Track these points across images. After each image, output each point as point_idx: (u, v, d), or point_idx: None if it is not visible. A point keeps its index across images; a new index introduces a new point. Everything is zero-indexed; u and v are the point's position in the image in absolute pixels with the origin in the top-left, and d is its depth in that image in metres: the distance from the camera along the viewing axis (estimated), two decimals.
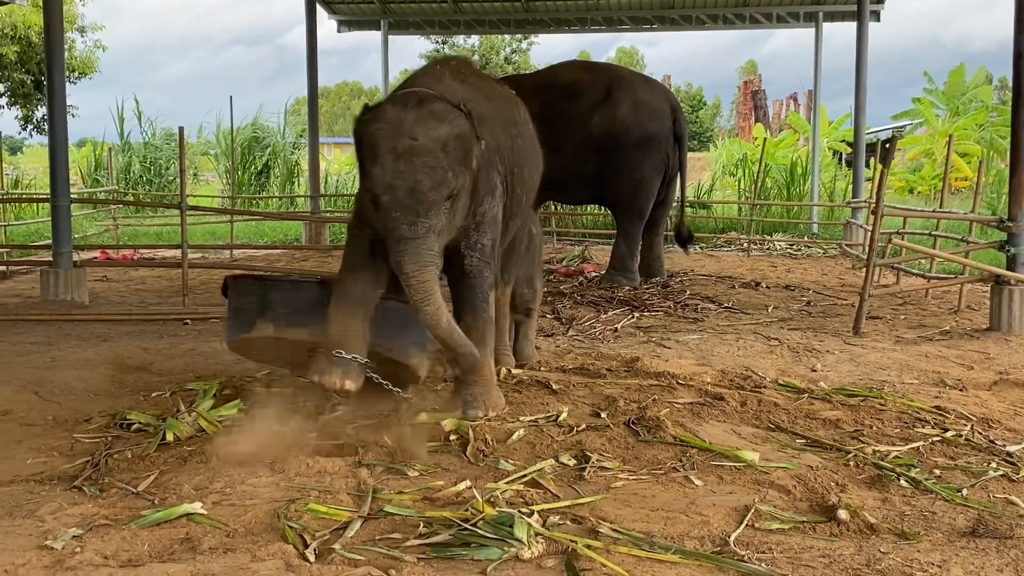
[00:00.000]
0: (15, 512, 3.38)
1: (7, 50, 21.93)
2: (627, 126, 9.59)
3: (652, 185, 9.72)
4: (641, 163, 9.59)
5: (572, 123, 9.62)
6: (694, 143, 40.46)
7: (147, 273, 11.24)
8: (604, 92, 9.74)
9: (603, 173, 9.67)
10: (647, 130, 9.63)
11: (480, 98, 4.50)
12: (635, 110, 9.66)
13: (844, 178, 19.67)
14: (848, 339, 6.71)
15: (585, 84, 9.86)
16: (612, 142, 9.55)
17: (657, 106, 9.78)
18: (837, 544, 3.06)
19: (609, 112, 9.64)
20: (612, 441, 4.13)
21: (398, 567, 2.84)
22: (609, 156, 9.56)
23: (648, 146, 9.61)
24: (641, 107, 9.69)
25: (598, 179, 9.75)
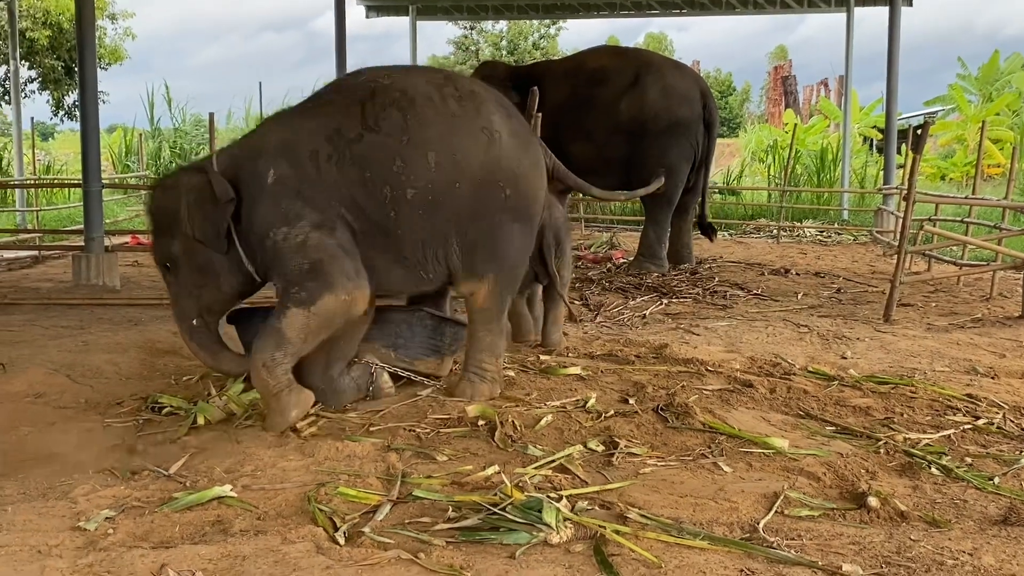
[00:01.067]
0: (48, 494, 3.43)
1: (39, 35, 22.08)
2: (656, 112, 9.50)
3: (681, 172, 9.62)
4: (669, 149, 9.50)
5: (600, 109, 9.57)
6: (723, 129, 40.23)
7: None
8: (633, 77, 9.66)
9: (632, 159, 9.60)
10: (676, 116, 9.53)
11: (273, 130, 4.45)
12: (664, 95, 9.57)
13: (875, 164, 19.49)
14: (879, 326, 6.66)
15: (613, 69, 9.79)
16: (640, 128, 9.48)
17: (687, 91, 9.68)
18: (867, 531, 3.05)
19: (637, 97, 9.56)
20: (640, 427, 4.13)
21: (427, 551, 2.85)
22: (637, 142, 9.49)
23: (677, 132, 9.52)
24: (670, 92, 9.59)
25: (627, 165, 9.68)
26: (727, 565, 2.75)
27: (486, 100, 4.46)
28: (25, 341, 6.02)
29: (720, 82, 50.31)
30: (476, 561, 2.79)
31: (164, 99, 23.44)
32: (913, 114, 29.21)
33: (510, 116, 4.55)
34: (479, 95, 4.46)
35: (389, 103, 4.25)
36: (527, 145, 4.58)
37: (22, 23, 20.41)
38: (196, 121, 23.12)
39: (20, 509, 3.23)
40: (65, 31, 22.43)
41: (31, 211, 14.49)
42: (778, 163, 19.08)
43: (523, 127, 4.66)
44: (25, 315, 7.11)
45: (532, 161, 4.58)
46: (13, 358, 5.37)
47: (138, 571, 2.70)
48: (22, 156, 15.84)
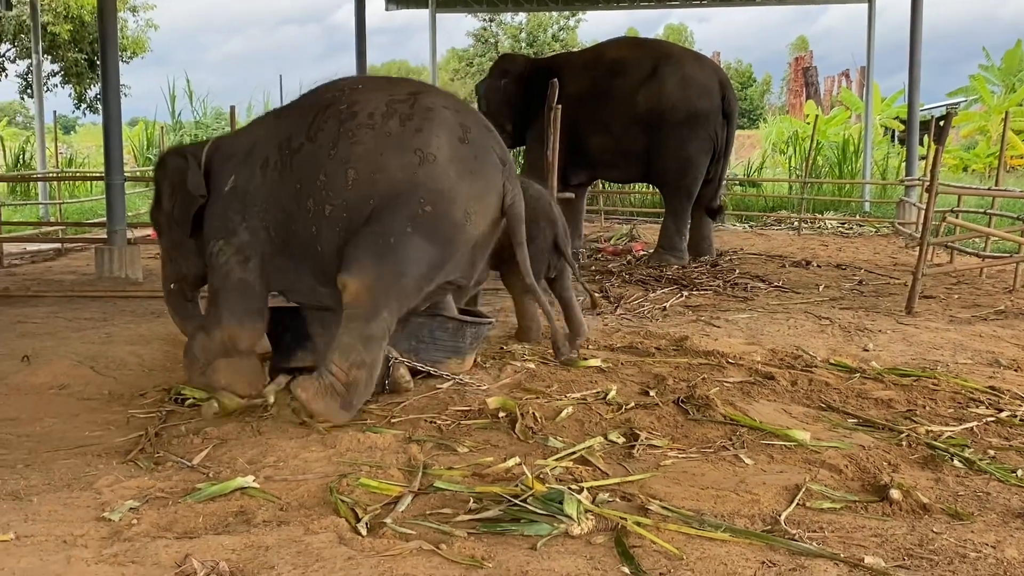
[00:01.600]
0: (73, 484, 3.45)
1: (61, 29, 22.20)
2: (673, 103, 9.45)
3: (700, 164, 9.58)
4: (688, 141, 9.46)
5: (618, 100, 9.55)
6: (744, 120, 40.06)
7: None
8: (651, 68, 9.62)
9: (650, 151, 9.58)
10: (694, 107, 9.48)
11: (250, 132, 4.69)
12: (682, 87, 9.52)
13: (897, 156, 19.39)
14: (901, 319, 6.63)
15: (632, 60, 9.75)
16: (658, 119, 9.44)
17: (705, 82, 9.62)
18: (889, 524, 3.04)
19: (655, 88, 9.52)
20: (661, 419, 4.13)
21: (449, 542, 2.86)
22: (655, 133, 9.46)
23: (695, 123, 9.47)
24: (689, 83, 9.54)
25: (646, 157, 9.66)
26: (748, 557, 2.75)
27: (438, 122, 4.18)
28: (49, 333, 6.07)
29: (740, 73, 50.09)
30: (497, 552, 2.80)
31: (185, 92, 23.56)
32: (935, 105, 29.01)
33: (465, 142, 4.22)
34: (434, 116, 4.19)
35: (333, 115, 4.23)
36: (473, 174, 4.20)
37: (44, 17, 20.52)
38: (217, 114, 23.24)
39: (46, 500, 3.26)
40: (87, 25, 22.55)
41: (54, 204, 14.60)
42: (799, 154, 19.01)
43: (477, 155, 4.25)
44: (49, 307, 7.17)
45: (473, 190, 4.19)
46: (37, 350, 5.42)
47: (162, 561, 2.72)
48: (45, 149, 15.94)
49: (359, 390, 4.04)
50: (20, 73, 24.13)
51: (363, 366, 4.03)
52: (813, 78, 40.82)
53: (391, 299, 4.10)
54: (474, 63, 42.62)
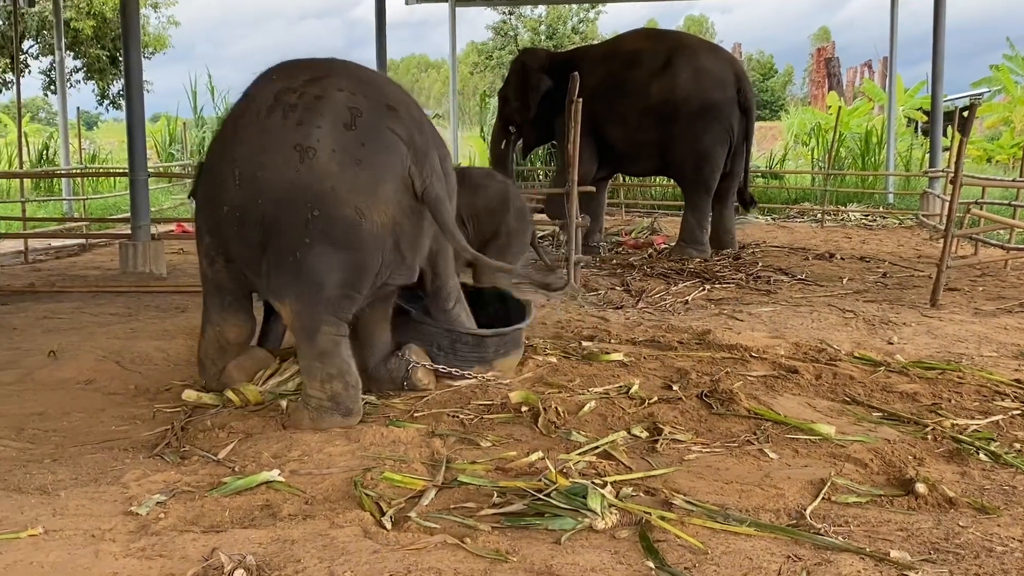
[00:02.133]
0: (100, 479, 3.48)
1: (83, 25, 22.33)
2: (687, 94, 9.39)
3: (716, 157, 9.52)
4: (702, 133, 9.39)
5: (632, 91, 9.51)
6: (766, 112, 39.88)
7: None
8: (664, 60, 9.57)
9: (666, 143, 9.55)
10: (708, 99, 9.41)
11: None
12: (695, 78, 9.45)
13: (920, 147, 19.26)
14: (925, 311, 6.60)
15: (646, 52, 9.71)
16: (671, 111, 9.39)
17: (720, 74, 9.54)
18: (915, 518, 3.03)
19: (668, 80, 9.46)
20: (684, 414, 4.13)
21: (473, 535, 2.87)
22: (669, 125, 9.42)
23: (709, 116, 9.40)
24: (702, 75, 9.47)
25: (661, 150, 9.63)
26: (774, 551, 2.75)
27: (322, 110, 3.92)
28: (74, 328, 6.12)
29: (762, 64, 49.86)
30: (521, 546, 2.80)
31: (207, 88, 23.64)
32: (959, 95, 28.76)
33: (352, 128, 3.92)
34: (319, 104, 3.93)
35: (237, 111, 4.23)
36: (360, 163, 3.90)
37: (67, 13, 20.64)
38: None
39: (73, 494, 3.29)
40: (109, 21, 22.67)
41: (78, 200, 14.68)
42: (822, 146, 18.91)
43: (365, 142, 3.93)
44: (74, 303, 7.21)
45: (360, 183, 3.91)
46: (63, 345, 5.46)
47: (190, 555, 2.74)
48: (68, 145, 16.04)
49: (345, 394, 4.02)
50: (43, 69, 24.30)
51: (332, 377, 4.00)
52: (835, 69, 40.57)
53: (322, 313, 3.99)
54: (493, 56, 42.62)
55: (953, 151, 10.09)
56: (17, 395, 4.65)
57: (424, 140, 4.08)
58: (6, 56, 19.83)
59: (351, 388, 4.05)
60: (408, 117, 4.07)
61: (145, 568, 2.64)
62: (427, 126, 4.22)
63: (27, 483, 3.44)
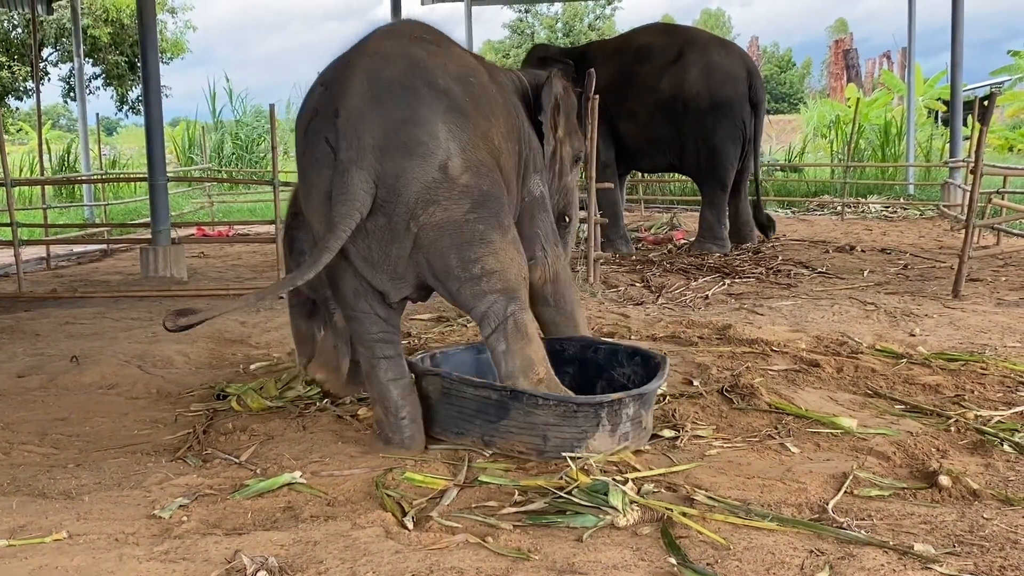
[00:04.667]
0: (123, 483, 3.50)
1: (101, 32, 22.46)
2: (697, 90, 9.37)
3: (729, 153, 9.48)
4: (714, 130, 9.36)
5: (642, 86, 9.50)
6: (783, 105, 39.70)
7: (242, 248, 11.47)
8: (675, 55, 9.55)
9: (677, 140, 9.53)
10: (719, 95, 9.38)
11: None
12: (706, 73, 9.42)
13: (941, 137, 19.14)
14: (947, 302, 6.55)
15: (657, 47, 9.70)
16: (682, 106, 9.38)
17: (731, 70, 9.50)
18: (939, 511, 3.01)
19: (679, 75, 9.44)
20: (705, 409, 4.11)
21: (495, 534, 2.87)
22: (680, 121, 9.41)
23: (720, 112, 9.37)
24: (713, 70, 9.44)
25: (673, 146, 9.61)
26: (796, 546, 2.73)
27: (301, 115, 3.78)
28: (97, 333, 6.15)
29: (779, 58, 49.66)
30: (543, 544, 2.80)
31: (226, 91, 23.72)
32: (979, 85, 28.61)
33: (306, 134, 3.65)
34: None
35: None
36: (303, 174, 3.68)
37: (84, 20, 20.77)
38: (257, 112, 23.36)
39: (97, 498, 3.31)
40: (127, 27, 22.79)
41: (99, 206, 14.75)
42: (841, 138, 18.83)
43: (306, 151, 3.62)
44: (96, 307, 7.25)
45: (303, 195, 3.77)
46: (86, 350, 5.49)
47: (212, 557, 2.75)
48: (88, 151, 16.13)
49: (385, 421, 3.76)
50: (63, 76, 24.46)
51: (375, 400, 3.82)
52: (854, 60, 40.40)
53: (353, 331, 3.86)
54: (510, 55, 42.64)
55: (973, 140, 10.02)
56: (41, 400, 4.68)
57: (346, 147, 3.42)
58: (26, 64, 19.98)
59: (390, 415, 3.73)
60: (338, 123, 3.45)
61: (168, 571, 2.65)
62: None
63: (51, 488, 3.46)
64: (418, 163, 3.43)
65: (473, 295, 3.57)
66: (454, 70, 3.63)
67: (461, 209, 3.50)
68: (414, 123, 3.44)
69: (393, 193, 3.43)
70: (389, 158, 3.42)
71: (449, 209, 3.48)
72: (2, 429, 4.23)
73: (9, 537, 2.93)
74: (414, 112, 3.45)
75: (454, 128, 3.49)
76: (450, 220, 3.49)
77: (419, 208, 3.46)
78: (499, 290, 3.55)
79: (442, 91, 3.52)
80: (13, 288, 8.20)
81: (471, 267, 3.53)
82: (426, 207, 3.46)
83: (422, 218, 3.47)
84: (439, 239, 3.51)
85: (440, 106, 3.48)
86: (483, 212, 3.53)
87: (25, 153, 22.70)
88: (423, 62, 3.57)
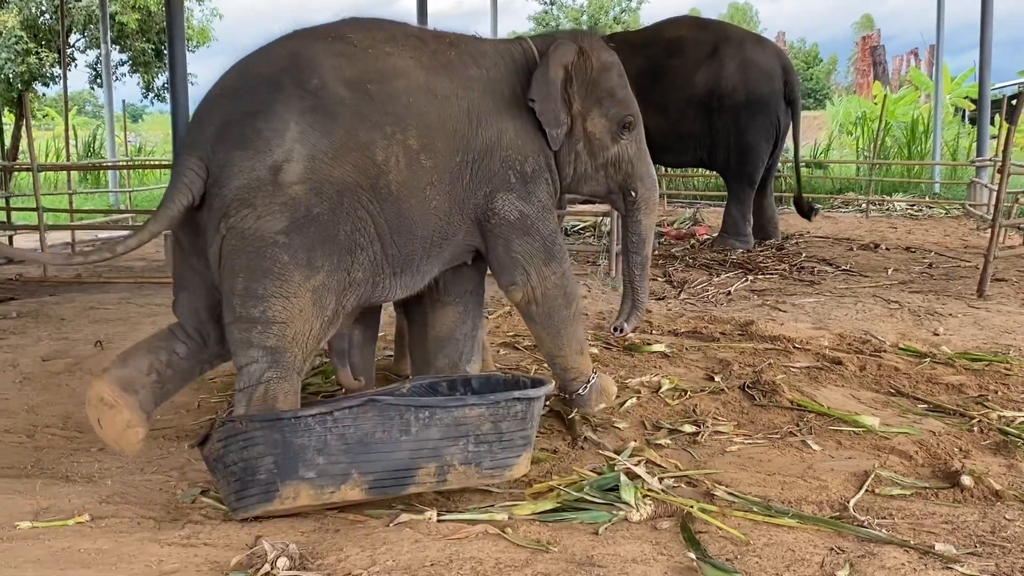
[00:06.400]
0: (146, 467, 3.53)
1: (128, 19, 22.52)
2: (733, 86, 9.27)
3: (761, 151, 9.39)
4: (748, 127, 9.27)
5: (675, 81, 9.38)
6: (810, 101, 39.48)
7: None
8: (711, 50, 9.43)
9: (709, 136, 9.45)
10: (755, 92, 9.28)
11: None
12: (742, 70, 9.32)
13: (968, 136, 18.99)
14: (972, 302, 6.51)
15: (691, 41, 9.58)
16: (716, 102, 9.29)
17: (767, 66, 9.41)
18: (961, 511, 3.00)
19: (714, 70, 9.34)
20: (726, 405, 4.11)
21: (514, 526, 2.88)
22: (714, 117, 9.31)
23: (755, 109, 9.28)
24: (749, 67, 9.34)
25: (704, 142, 9.52)
26: (816, 543, 2.73)
27: None
28: (121, 319, 6.20)
29: (805, 53, 49.37)
30: (562, 536, 2.81)
31: None
32: (1007, 83, 28.33)
33: None
34: None
35: None
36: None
37: (112, 7, 20.84)
38: None
39: (119, 482, 3.34)
40: (154, 14, 22.83)
41: (124, 192, 14.84)
42: (867, 135, 18.70)
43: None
44: (119, 293, 7.30)
45: None
46: (110, 335, 5.53)
47: (233, 543, 2.77)
48: (114, 138, 16.23)
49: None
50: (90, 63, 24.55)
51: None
52: (881, 57, 40.09)
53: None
54: None
55: (1001, 139, 9.95)
56: (65, 384, 4.72)
57: (193, 136, 3.30)
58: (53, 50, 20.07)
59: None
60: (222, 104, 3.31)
61: (190, 555, 2.67)
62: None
63: (74, 471, 3.50)
64: (248, 155, 3.10)
65: (239, 341, 3.19)
66: (351, 73, 3.29)
67: (275, 224, 3.09)
68: (261, 116, 3.13)
69: (217, 184, 3.12)
70: (222, 145, 3.13)
71: (262, 218, 3.09)
72: (27, 412, 4.28)
73: (32, 519, 2.96)
74: (266, 106, 3.15)
75: (309, 131, 3.14)
76: (256, 234, 3.09)
77: (233, 207, 3.10)
78: (267, 347, 3.16)
79: (311, 90, 3.19)
80: (38, 273, 8.27)
81: (251, 306, 3.14)
82: (240, 208, 3.09)
83: (232, 219, 3.11)
84: (237, 252, 3.12)
85: (300, 104, 3.16)
86: (296, 238, 3.12)
87: (51, 139, 22.85)
88: (308, 61, 3.26)
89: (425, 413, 2.91)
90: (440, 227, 3.50)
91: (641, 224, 4.09)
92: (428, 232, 3.45)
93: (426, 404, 2.96)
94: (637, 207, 4.06)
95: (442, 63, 3.55)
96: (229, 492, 2.97)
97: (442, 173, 3.44)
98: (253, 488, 2.91)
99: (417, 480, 2.92)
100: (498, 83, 3.67)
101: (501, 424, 2.99)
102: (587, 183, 3.98)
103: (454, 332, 3.90)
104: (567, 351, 3.91)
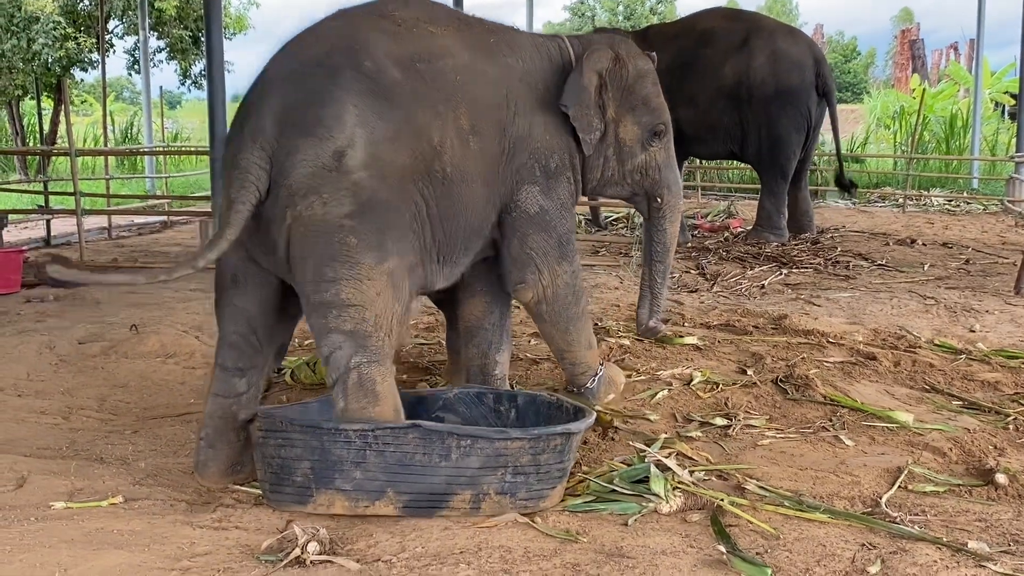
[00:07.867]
0: (179, 451, 3.57)
1: (167, 6, 22.65)
2: (763, 77, 9.18)
3: (793, 143, 9.30)
4: (778, 118, 9.19)
5: (704, 71, 9.30)
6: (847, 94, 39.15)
7: None
8: (741, 40, 9.35)
9: (739, 127, 9.38)
10: (785, 83, 9.19)
11: None
12: (772, 61, 9.23)
13: (1007, 131, 18.78)
14: (1009, 299, 6.44)
15: (721, 31, 9.50)
16: (746, 93, 9.20)
17: (798, 58, 9.31)
18: (994, 508, 2.97)
19: (743, 61, 9.26)
20: (759, 399, 4.08)
21: (543, 515, 2.88)
22: (744, 108, 9.23)
23: (786, 100, 9.18)
24: (780, 58, 9.25)
25: (735, 133, 9.45)
26: (848, 539, 2.71)
27: None
28: (155, 304, 6.24)
29: (843, 46, 48.95)
30: (591, 527, 2.81)
31: None
32: None
33: None
34: None
35: None
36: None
37: None
38: None
39: (152, 465, 3.37)
40: (192, 2, 22.95)
41: (160, 178, 14.96)
42: (905, 130, 18.54)
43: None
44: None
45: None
46: (145, 320, 5.57)
47: (264, 527, 2.79)
48: (151, 124, 16.36)
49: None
50: (127, 49, 24.70)
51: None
52: (920, 51, 39.68)
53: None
54: None
55: None
56: (101, 367, 4.76)
57: (253, 126, 3.17)
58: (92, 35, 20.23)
59: (202, 429, 3.39)
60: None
61: (221, 538, 2.70)
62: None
63: (108, 453, 3.53)
64: (312, 143, 3.04)
65: (318, 328, 3.12)
66: (400, 52, 3.25)
67: (341, 209, 3.03)
68: (321, 102, 3.08)
69: (283, 173, 3.05)
70: (286, 134, 3.06)
71: (328, 204, 3.03)
72: (62, 394, 4.32)
73: (67, 500, 2.99)
74: (325, 91, 3.09)
75: (368, 114, 3.09)
76: (323, 219, 3.04)
77: (299, 196, 3.04)
78: (346, 332, 3.06)
79: (366, 73, 3.14)
80: (75, 257, 8.35)
81: (323, 289, 3.06)
82: (306, 196, 3.03)
83: (299, 207, 3.04)
84: (304, 239, 3.06)
85: (357, 87, 3.11)
86: (364, 222, 3.06)
87: (89, 124, 23.05)
88: (359, 42, 3.22)
89: (467, 442, 2.91)
90: (479, 215, 3.47)
91: (666, 232, 4.12)
92: (469, 220, 3.42)
93: (469, 433, 2.96)
94: (663, 214, 4.08)
95: (484, 47, 3.54)
96: (265, 481, 3.02)
97: (487, 158, 3.42)
98: (288, 487, 2.94)
99: (451, 505, 2.92)
100: (532, 76, 3.64)
101: (540, 456, 2.96)
102: (612, 187, 4.00)
103: (483, 322, 3.90)
104: (576, 348, 3.90)
